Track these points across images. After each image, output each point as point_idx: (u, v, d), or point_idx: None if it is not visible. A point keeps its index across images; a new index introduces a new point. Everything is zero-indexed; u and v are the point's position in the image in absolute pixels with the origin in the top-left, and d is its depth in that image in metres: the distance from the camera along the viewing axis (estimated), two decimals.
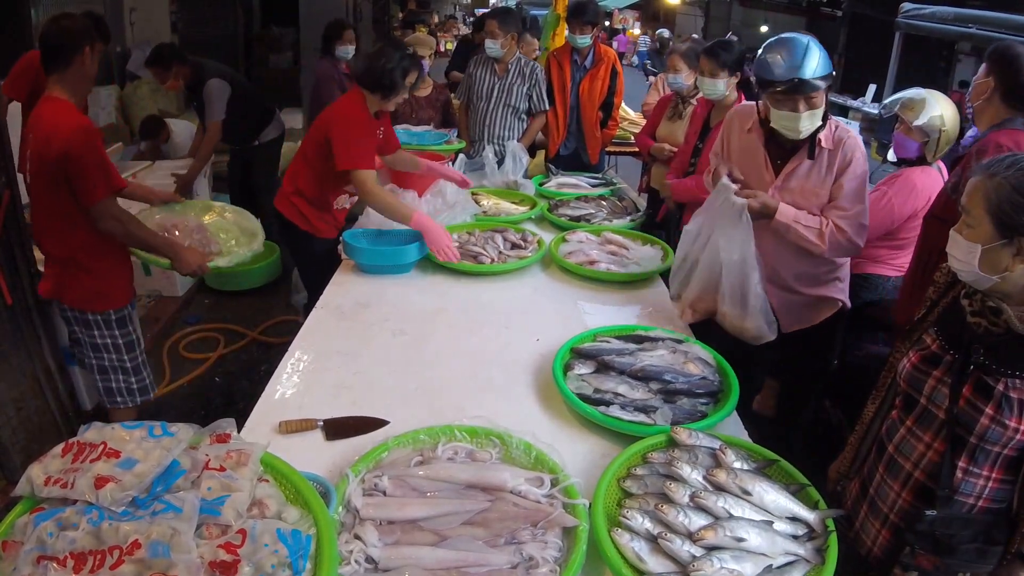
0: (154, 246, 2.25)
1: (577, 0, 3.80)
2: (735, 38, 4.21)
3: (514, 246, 2.64)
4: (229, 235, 2.60)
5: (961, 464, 1.23)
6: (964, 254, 1.21)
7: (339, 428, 1.57)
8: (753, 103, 2.20)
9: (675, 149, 3.26)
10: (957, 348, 1.25)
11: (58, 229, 2.19)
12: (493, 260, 2.50)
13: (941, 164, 2.54)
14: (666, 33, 13.15)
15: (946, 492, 1.24)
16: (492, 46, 3.64)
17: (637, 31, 14.98)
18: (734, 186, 2.00)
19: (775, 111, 1.99)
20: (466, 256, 2.50)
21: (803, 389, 2.64)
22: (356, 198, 2.90)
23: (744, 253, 1.97)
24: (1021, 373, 1.17)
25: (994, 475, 1.23)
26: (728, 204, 1.98)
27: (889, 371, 1.47)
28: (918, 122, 2.40)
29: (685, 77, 3.18)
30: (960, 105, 2.62)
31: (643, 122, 4.56)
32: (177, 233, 2.48)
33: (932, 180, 2.47)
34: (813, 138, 2.03)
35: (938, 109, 2.40)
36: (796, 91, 1.90)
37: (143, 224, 2.25)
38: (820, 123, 2.00)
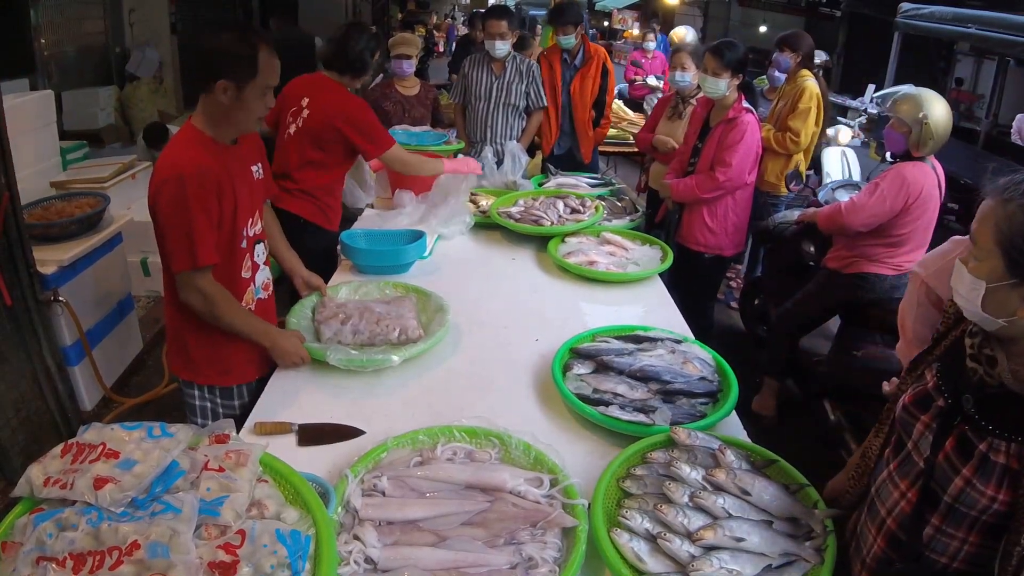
0: (247, 331, 1.77)
1: (559, 2, 3.80)
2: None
3: (573, 211, 2.85)
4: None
5: (934, 521, 1.08)
6: (968, 290, 1.03)
7: (314, 435, 1.54)
8: None
9: (676, 145, 3.27)
10: (952, 393, 1.09)
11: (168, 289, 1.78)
12: (553, 223, 2.71)
13: (935, 162, 2.55)
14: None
15: (913, 549, 1.10)
16: (503, 47, 3.62)
17: (636, 31, 14.92)
18: None
19: None
20: (528, 220, 2.73)
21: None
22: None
23: None
24: (1009, 435, 1.00)
25: (971, 539, 1.06)
26: None
27: (893, 404, 1.30)
28: (900, 113, 2.44)
29: (692, 76, 3.20)
30: (959, 102, 2.66)
31: (642, 121, 4.55)
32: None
33: (923, 174, 2.48)
34: None
35: (925, 103, 2.42)
36: None
37: (235, 305, 1.75)
38: None
